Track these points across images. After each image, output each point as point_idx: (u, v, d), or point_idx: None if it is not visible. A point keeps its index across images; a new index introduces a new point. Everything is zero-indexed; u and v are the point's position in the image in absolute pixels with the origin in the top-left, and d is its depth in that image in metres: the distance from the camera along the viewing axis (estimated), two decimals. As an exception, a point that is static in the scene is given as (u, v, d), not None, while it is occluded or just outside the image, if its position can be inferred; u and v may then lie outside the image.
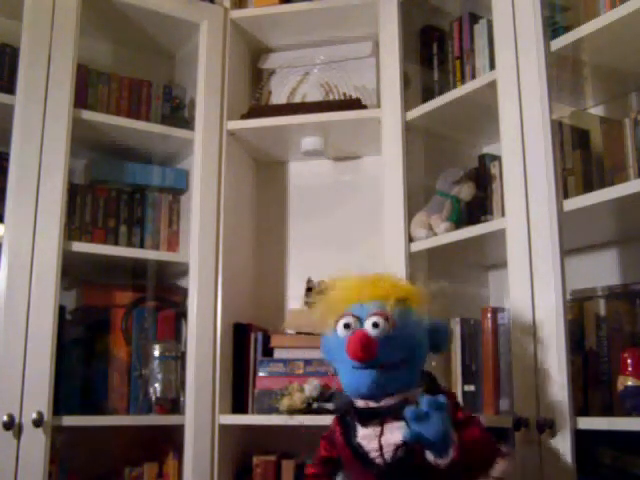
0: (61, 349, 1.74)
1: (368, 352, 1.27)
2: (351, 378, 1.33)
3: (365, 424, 1.31)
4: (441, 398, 1.14)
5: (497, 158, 1.77)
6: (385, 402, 1.30)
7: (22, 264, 1.70)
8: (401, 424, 1.24)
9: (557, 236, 1.46)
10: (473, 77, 1.82)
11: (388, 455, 1.27)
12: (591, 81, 1.67)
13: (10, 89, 1.80)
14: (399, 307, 1.33)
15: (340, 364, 1.36)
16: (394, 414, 1.27)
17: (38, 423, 1.63)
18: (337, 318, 1.35)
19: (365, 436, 1.30)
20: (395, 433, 1.27)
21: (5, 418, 1.60)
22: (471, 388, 1.75)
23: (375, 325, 1.30)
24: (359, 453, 1.31)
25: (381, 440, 1.28)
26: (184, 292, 1.99)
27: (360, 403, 1.34)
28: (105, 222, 2.01)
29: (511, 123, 1.59)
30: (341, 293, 1.39)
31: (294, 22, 2.11)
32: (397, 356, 1.30)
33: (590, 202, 1.44)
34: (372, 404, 1.32)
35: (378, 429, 1.29)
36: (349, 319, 1.33)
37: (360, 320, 1.32)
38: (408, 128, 1.90)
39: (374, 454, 1.28)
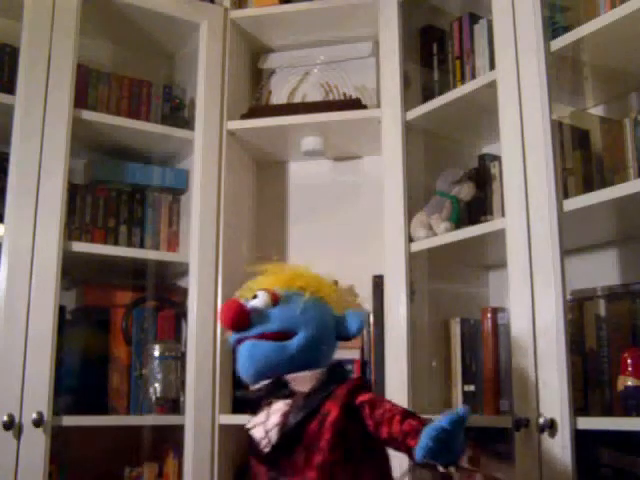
0: (61, 349, 1.74)
1: (235, 317, 1.28)
2: (238, 358, 1.33)
3: (255, 412, 1.30)
4: (461, 411, 1.07)
5: (497, 158, 1.77)
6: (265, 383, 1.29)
7: (22, 264, 1.70)
8: (283, 402, 1.24)
9: (557, 236, 1.46)
10: (473, 77, 1.82)
11: (273, 438, 1.22)
12: (591, 81, 1.67)
13: (10, 89, 1.80)
14: (295, 291, 1.34)
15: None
16: (274, 394, 1.27)
17: (38, 423, 1.63)
18: None
19: (255, 425, 1.27)
20: (276, 415, 1.24)
21: (5, 418, 1.60)
22: (471, 388, 1.75)
23: (254, 296, 1.32)
24: (251, 446, 1.27)
25: (266, 425, 1.25)
26: (184, 292, 1.99)
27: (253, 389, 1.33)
28: (105, 222, 2.01)
29: (511, 123, 1.59)
30: (255, 282, 1.42)
31: (294, 22, 2.11)
32: (275, 325, 1.29)
33: (590, 202, 1.44)
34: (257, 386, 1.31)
35: (265, 414, 1.27)
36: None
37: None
38: (408, 128, 1.90)
39: (263, 443, 1.24)
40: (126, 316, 1.97)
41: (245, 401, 1.35)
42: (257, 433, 1.25)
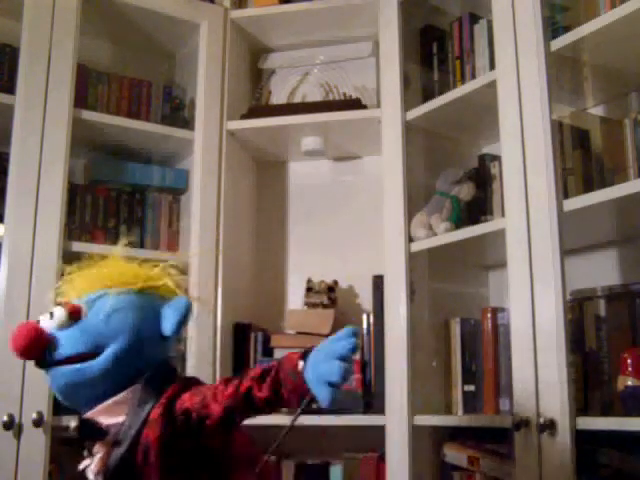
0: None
1: (24, 345, 1.07)
2: None
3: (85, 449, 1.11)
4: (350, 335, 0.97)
5: (497, 158, 1.77)
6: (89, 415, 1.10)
7: (22, 264, 1.70)
8: (99, 444, 1.07)
9: (557, 236, 1.46)
10: (473, 77, 1.82)
11: None
12: (591, 81, 1.67)
13: (10, 89, 1.80)
14: (105, 295, 1.14)
15: None
16: (87, 435, 1.10)
17: (38, 423, 1.63)
18: None
19: (85, 467, 1.10)
20: (96, 458, 1.07)
21: (5, 418, 1.60)
22: (471, 388, 1.75)
23: (51, 315, 1.12)
24: None
25: (92, 469, 1.08)
26: (184, 292, 1.98)
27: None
28: (105, 222, 2.01)
29: (511, 123, 1.59)
30: (68, 284, 1.20)
31: (294, 22, 2.11)
32: (73, 348, 1.09)
33: (590, 202, 1.44)
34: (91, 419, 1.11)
35: (90, 457, 1.09)
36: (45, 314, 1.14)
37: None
38: (408, 128, 1.90)
39: None
40: (126, 316, 1.97)
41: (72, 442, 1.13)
42: (90, 476, 1.09)
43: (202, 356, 1.90)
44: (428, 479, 1.77)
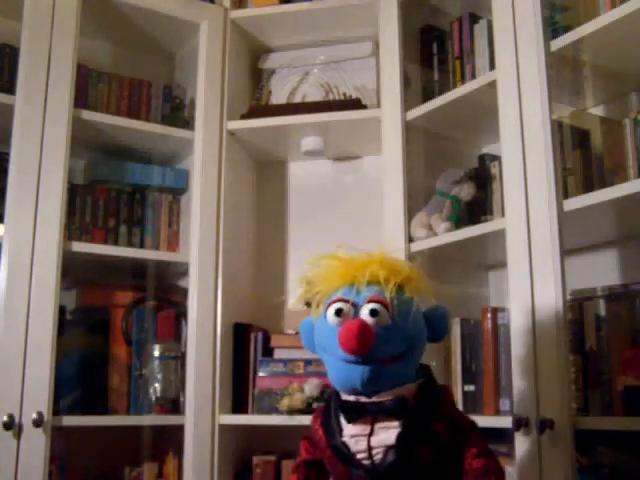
0: (61, 349, 1.74)
1: (364, 345, 1.12)
2: (341, 372, 1.18)
3: (353, 421, 1.18)
4: None
5: (497, 158, 1.77)
6: (378, 397, 1.17)
7: (22, 264, 1.70)
8: (394, 424, 1.15)
9: (557, 236, 1.46)
10: (473, 77, 1.82)
11: (378, 458, 1.15)
12: (591, 81, 1.67)
13: (10, 89, 1.80)
14: (398, 294, 1.19)
15: (328, 355, 1.21)
16: (388, 412, 1.16)
17: (38, 423, 1.63)
18: (327, 301, 1.21)
19: (352, 435, 1.18)
20: (388, 433, 1.15)
21: (5, 418, 1.60)
22: (471, 388, 1.75)
23: (373, 313, 1.15)
24: (343, 453, 1.18)
25: (370, 440, 1.16)
26: (184, 292, 1.99)
27: (348, 397, 1.21)
28: (105, 222, 2.01)
29: (511, 123, 1.59)
30: (333, 270, 1.26)
31: (294, 22, 2.12)
32: (395, 349, 1.17)
33: (590, 202, 1.44)
34: (363, 399, 1.18)
35: (368, 428, 1.17)
36: (342, 305, 1.18)
37: (355, 306, 1.18)
38: (408, 128, 1.90)
39: (361, 455, 1.16)
40: (126, 316, 1.97)
41: (355, 409, 1.22)
42: (357, 445, 1.19)
43: (202, 356, 1.90)
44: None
